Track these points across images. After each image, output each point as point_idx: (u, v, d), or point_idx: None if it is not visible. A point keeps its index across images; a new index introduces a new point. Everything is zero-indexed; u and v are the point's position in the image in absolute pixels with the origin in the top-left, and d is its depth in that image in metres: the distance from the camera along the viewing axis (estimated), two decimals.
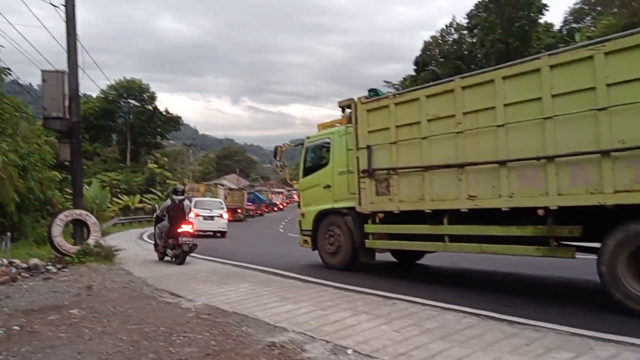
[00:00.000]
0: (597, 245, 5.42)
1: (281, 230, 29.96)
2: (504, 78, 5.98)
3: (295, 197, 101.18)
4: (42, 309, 5.88)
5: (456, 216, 6.64)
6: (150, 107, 52.81)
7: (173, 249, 10.24)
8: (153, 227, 11.56)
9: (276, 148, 10.17)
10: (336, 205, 8.72)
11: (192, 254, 10.33)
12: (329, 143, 9.11)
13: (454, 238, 6.69)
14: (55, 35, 11.95)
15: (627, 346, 4.01)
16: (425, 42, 45.79)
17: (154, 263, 10.46)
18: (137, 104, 52.85)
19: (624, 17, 24.64)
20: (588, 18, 39.67)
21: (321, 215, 9.03)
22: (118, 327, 4.92)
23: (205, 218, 21.03)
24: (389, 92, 8.27)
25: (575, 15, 40.91)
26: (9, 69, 17.38)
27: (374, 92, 8.29)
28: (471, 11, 41.24)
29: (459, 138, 6.47)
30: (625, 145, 4.95)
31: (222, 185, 45.86)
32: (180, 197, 10.56)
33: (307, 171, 9.71)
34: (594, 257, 5.70)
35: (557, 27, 40.57)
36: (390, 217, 7.62)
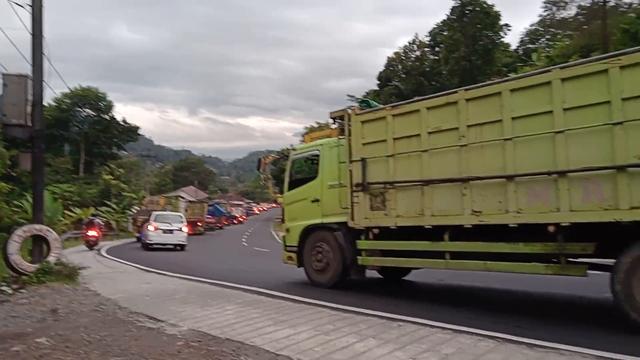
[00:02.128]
0: (610, 262, 5.28)
1: (245, 243, 29.34)
2: (512, 91, 5.82)
3: (255, 209, 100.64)
4: (3, 337, 5.15)
5: (458, 232, 6.39)
6: (106, 117, 50.86)
7: (86, 243, 21.42)
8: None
9: (259, 160, 9.69)
10: (325, 220, 8.33)
11: (161, 272, 11.30)
12: (317, 155, 8.73)
13: (456, 255, 6.43)
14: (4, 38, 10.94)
15: None
16: (388, 58, 46.73)
17: (122, 282, 9.70)
18: (92, 113, 50.76)
19: (581, 40, 25.80)
20: (542, 39, 41.53)
21: (308, 231, 8.61)
22: None
23: (165, 231, 21.47)
24: (352, 106, 7.94)
25: (531, 36, 42.75)
26: None
27: (365, 104, 8.02)
28: (434, 29, 42.42)
29: (462, 151, 6.25)
30: None
31: (183, 197, 44.40)
32: (92, 218, 24.28)
33: (293, 184, 9.27)
34: (598, 273, 5.61)
35: (513, 47, 42.30)
36: (384, 233, 7.29)
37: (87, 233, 21.71)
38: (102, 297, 7.62)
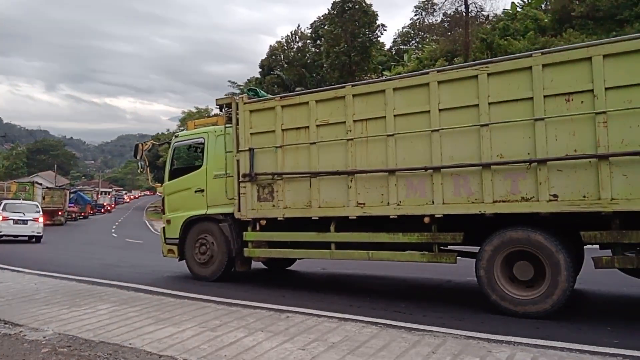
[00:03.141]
0: (475, 250, 5.88)
1: (114, 235, 27.43)
2: (395, 89, 6.15)
3: (126, 197, 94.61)
4: None
5: (344, 224, 6.61)
6: None
7: None
8: None
9: (137, 146, 8.95)
10: (210, 211, 8.02)
11: (17, 268, 10.12)
12: (202, 143, 8.34)
13: (341, 245, 6.66)
14: None
15: (518, 346, 4.34)
16: (271, 46, 46.58)
17: None
18: None
19: (446, 45, 28.30)
20: (413, 42, 44.80)
21: (191, 222, 8.23)
22: None
23: (16, 222, 19.80)
24: (237, 93, 7.86)
25: (403, 38, 45.81)
26: None
27: (253, 92, 7.88)
28: (315, 22, 43.17)
29: (348, 145, 6.45)
30: (503, 160, 5.46)
31: (40, 184, 39.71)
32: None
33: (175, 173, 8.76)
34: (465, 259, 6.22)
35: (387, 46, 44.96)
36: (271, 225, 7.27)
37: None
38: None
